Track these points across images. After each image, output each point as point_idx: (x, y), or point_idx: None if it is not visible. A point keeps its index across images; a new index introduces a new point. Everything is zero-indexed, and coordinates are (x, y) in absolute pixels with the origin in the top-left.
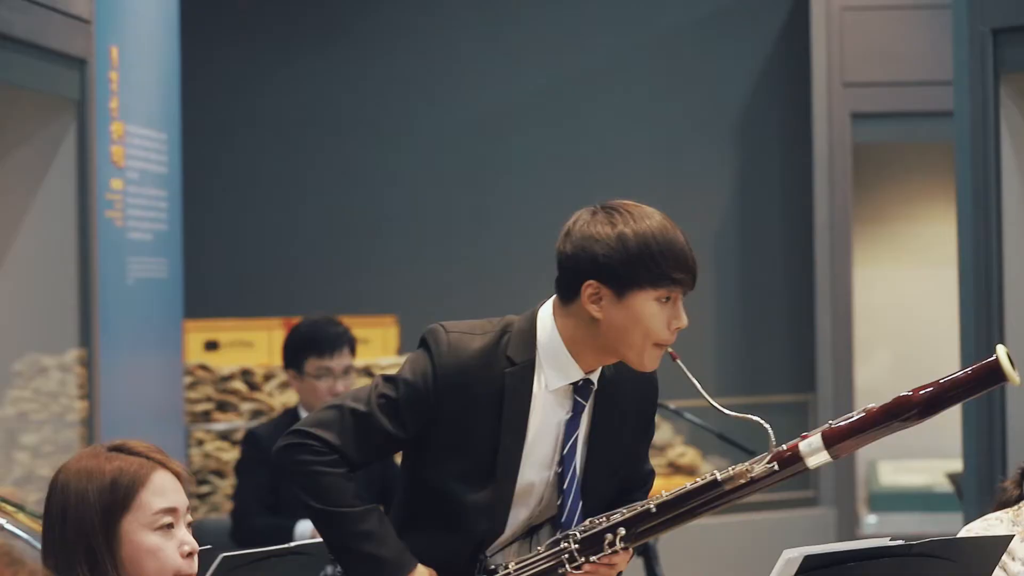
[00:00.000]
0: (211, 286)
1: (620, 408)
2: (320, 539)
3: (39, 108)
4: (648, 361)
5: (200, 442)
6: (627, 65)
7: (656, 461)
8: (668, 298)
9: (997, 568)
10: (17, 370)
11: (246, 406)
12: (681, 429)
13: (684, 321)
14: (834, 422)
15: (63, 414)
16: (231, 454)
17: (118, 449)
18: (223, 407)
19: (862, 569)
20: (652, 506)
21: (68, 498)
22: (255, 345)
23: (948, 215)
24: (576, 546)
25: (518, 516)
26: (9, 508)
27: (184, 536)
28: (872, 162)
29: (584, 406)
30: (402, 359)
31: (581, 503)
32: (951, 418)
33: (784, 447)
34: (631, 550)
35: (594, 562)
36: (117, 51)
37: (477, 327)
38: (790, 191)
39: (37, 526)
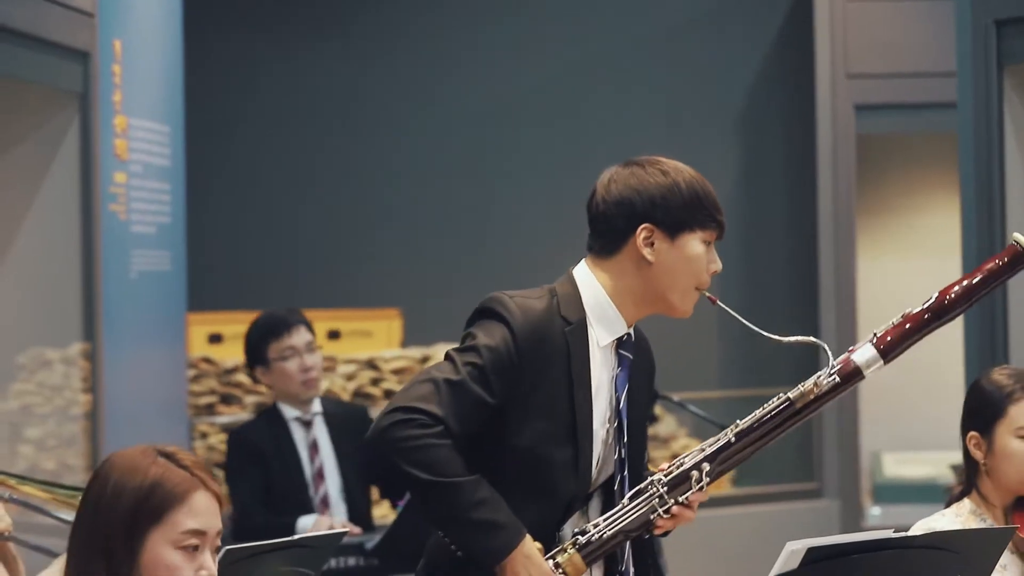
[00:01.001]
0: (214, 279)
1: (640, 368)
2: (329, 532)
3: (42, 102)
4: (690, 303)
5: (204, 435)
6: (630, 57)
7: (660, 453)
8: (709, 242)
9: None
10: (21, 363)
11: (250, 399)
12: (685, 421)
13: (720, 265)
14: (878, 331)
15: (67, 407)
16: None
17: (168, 456)
18: (227, 400)
19: (865, 561)
20: (731, 436)
21: (106, 489)
22: None
23: (951, 206)
24: (664, 489)
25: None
26: (11, 481)
27: (206, 561)
28: (876, 153)
29: (629, 360)
30: (406, 352)
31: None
32: (955, 409)
33: (838, 363)
34: (706, 496)
35: (682, 503)
36: (120, 44)
37: (530, 293)
38: (794, 182)
39: (43, 494)
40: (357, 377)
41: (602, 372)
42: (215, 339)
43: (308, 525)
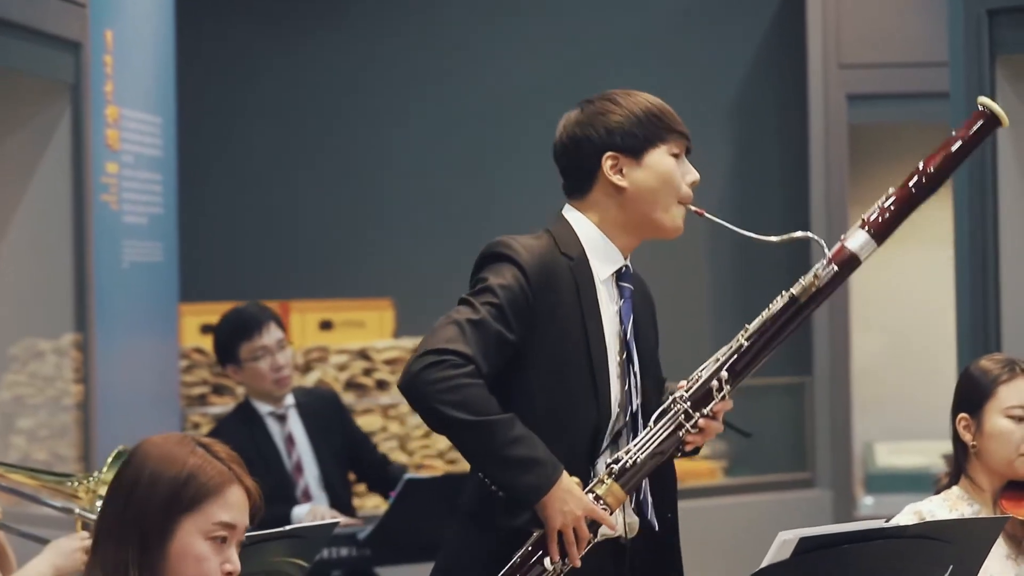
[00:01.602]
0: (207, 269)
1: (640, 306)
2: (321, 522)
3: (34, 92)
4: (677, 219)
5: (196, 426)
6: (624, 49)
7: None
8: (677, 155)
9: None
10: (13, 354)
11: (242, 390)
12: None
13: (696, 175)
14: (866, 215)
15: (59, 398)
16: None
17: (205, 447)
18: (219, 390)
19: (858, 551)
20: (742, 341)
21: (142, 476)
22: None
23: (944, 196)
24: (687, 404)
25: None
26: (0, 469)
27: (231, 555)
28: (868, 143)
29: (630, 291)
30: (399, 342)
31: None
32: (947, 399)
33: (833, 253)
34: (731, 405)
35: (708, 415)
36: (112, 35)
37: (529, 236)
38: (786, 172)
39: (32, 481)
40: (349, 367)
41: (608, 305)
42: (207, 330)
43: (303, 514)
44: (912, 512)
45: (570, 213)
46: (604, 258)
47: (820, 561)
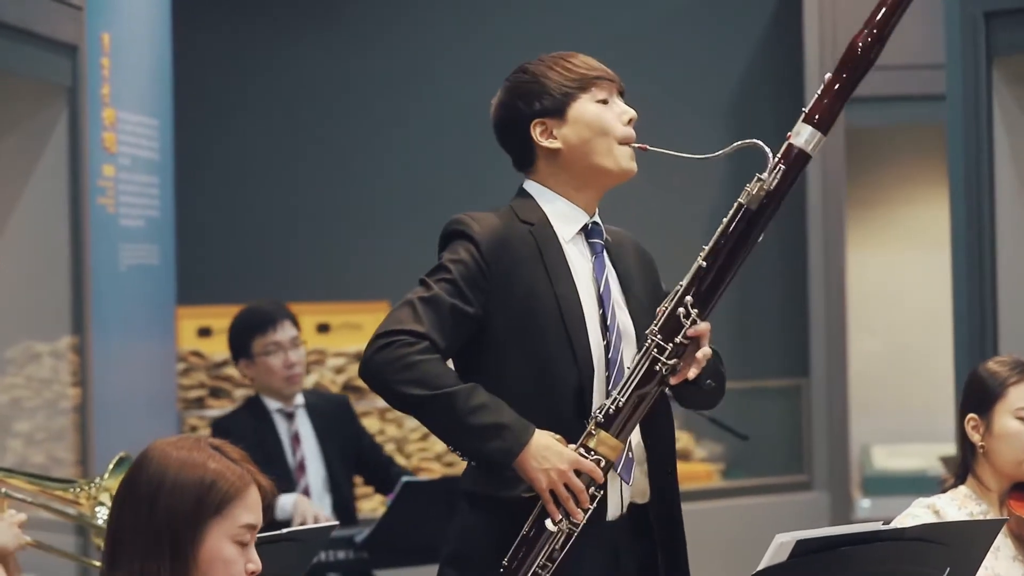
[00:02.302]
0: (204, 272)
1: (631, 264)
2: (318, 525)
3: (31, 95)
4: (623, 160)
5: (193, 429)
6: (620, 50)
7: None
8: (605, 101)
9: None
10: (10, 357)
11: (239, 392)
12: (674, 414)
13: (631, 112)
14: (806, 107)
15: (56, 401)
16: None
17: (217, 448)
18: (216, 394)
19: (855, 553)
20: (700, 262)
21: (163, 483)
22: None
23: (941, 198)
24: (659, 337)
25: (600, 388)
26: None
27: (253, 555)
28: (865, 146)
29: (602, 245)
30: None
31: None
32: (945, 402)
33: (780, 153)
34: (708, 328)
35: (683, 342)
36: (109, 37)
37: (489, 211)
38: None
39: (35, 487)
40: (346, 370)
41: (578, 265)
42: (204, 333)
43: (288, 504)
44: (925, 506)
45: (527, 184)
46: (566, 219)
47: (817, 564)
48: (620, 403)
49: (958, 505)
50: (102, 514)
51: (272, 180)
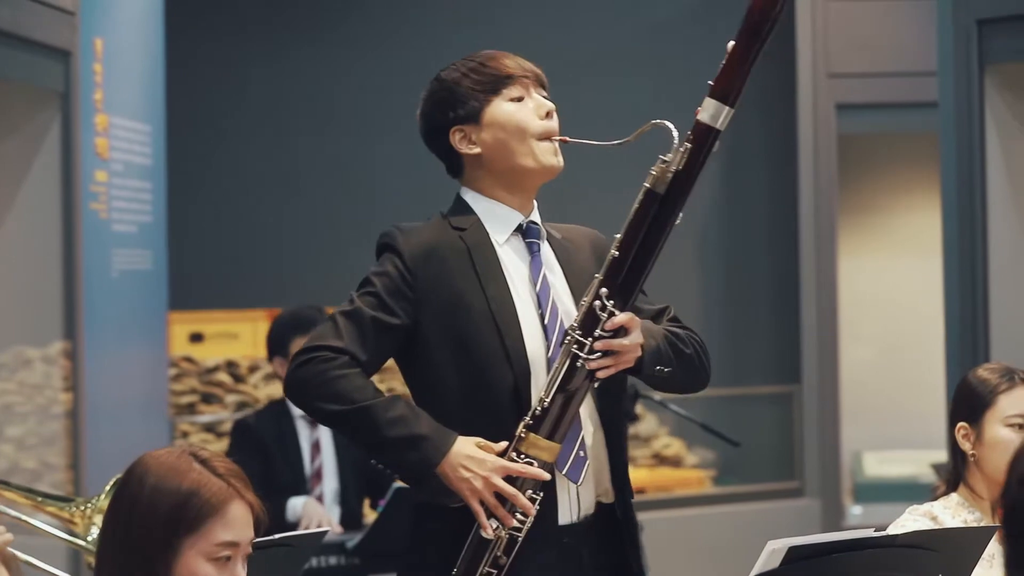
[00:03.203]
0: (196, 278)
1: (584, 260)
2: (309, 531)
3: (23, 100)
4: (544, 157)
5: (185, 434)
6: (613, 56)
7: (641, 452)
8: (520, 98)
9: None
10: (1, 362)
11: (231, 398)
12: (666, 421)
13: (548, 104)
14: (712, 82)
15: (48, 406)
16: (216, 446)
17: (203, 462)
18: (208, 399)
19: (846, 560)
20: (613, 252)
21: (141, 497)
22: (240, 337)
23: (933, 205)
24: (578, 333)
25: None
26: None
27: (237, 571)
28: (857, 153)
29: (539, 245)
30: None
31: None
32: (936, 408)
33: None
34: (635, 320)
35: (604, 336)
36: (101, 43)
37: (421, 221)
38: (775, 182)
39: (29, 502)
40: None
41: (515, 268)
42: (196, 338)
43: (299, 506)
44: (921, 514)
45: (461, 191)
46: (499, 221)
47: (809, 570)
48: (546, 403)
49: (951, 514)
50: (94, 535)
51: (264, 186)
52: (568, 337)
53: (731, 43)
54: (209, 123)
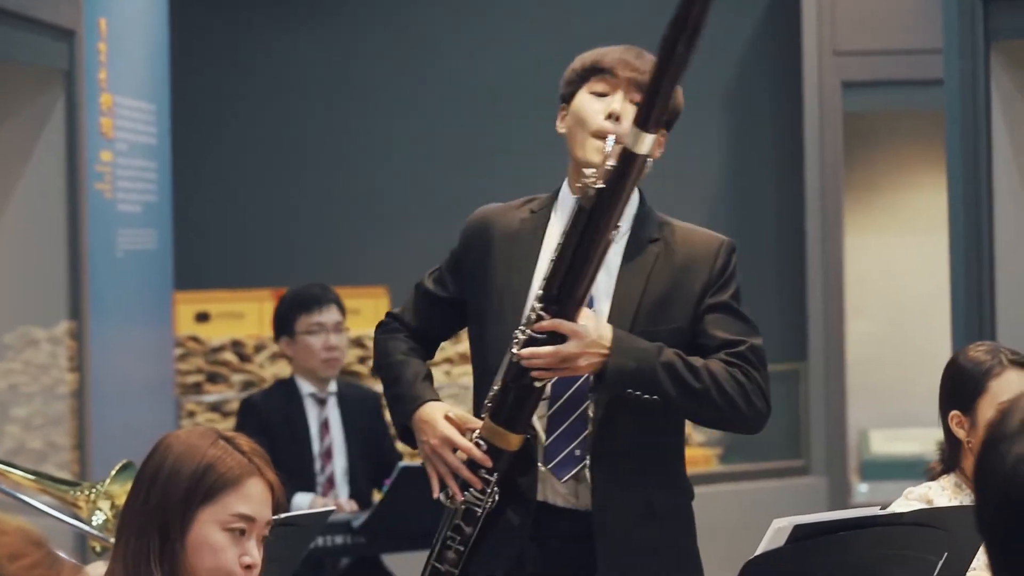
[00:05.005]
0: (201, 257)
1: (658, 262)
2: (315, 510)
3: (28, 80)
4: (590, 152)
5: (191, 414)
6: (620, 37)
7: None
8: (604, 94)
9: None
10: (7, 342)
11: (237, 377)
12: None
13: (615, 106)
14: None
15: (53, 386)
16: (222, 426)
17: (227, 440)
18: (214, 379)
19: (852, 538)
20: (549, 262)
21: (163, 467)
22: (246, 316)
23: (939, 183)
24: (519, 330)
25: None
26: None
27: (251, 549)
28: (863, 130)
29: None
30: None
31: None
32: None
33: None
34: (575, 331)
35: (536, 337)
36: (106, 22)
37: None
38: (781, 160)
39: (36, 485)
40: (347, 342)
41: None
42: (202, 318)
43: (304, 504)
44: (917, 496)
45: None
46: (564, 209)
47: (815, 548)
48: (494, 392)
49: (949, 496)
50: (98, 520)
51: (270, 165)
52: (514, 336)
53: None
54: (214, 102)
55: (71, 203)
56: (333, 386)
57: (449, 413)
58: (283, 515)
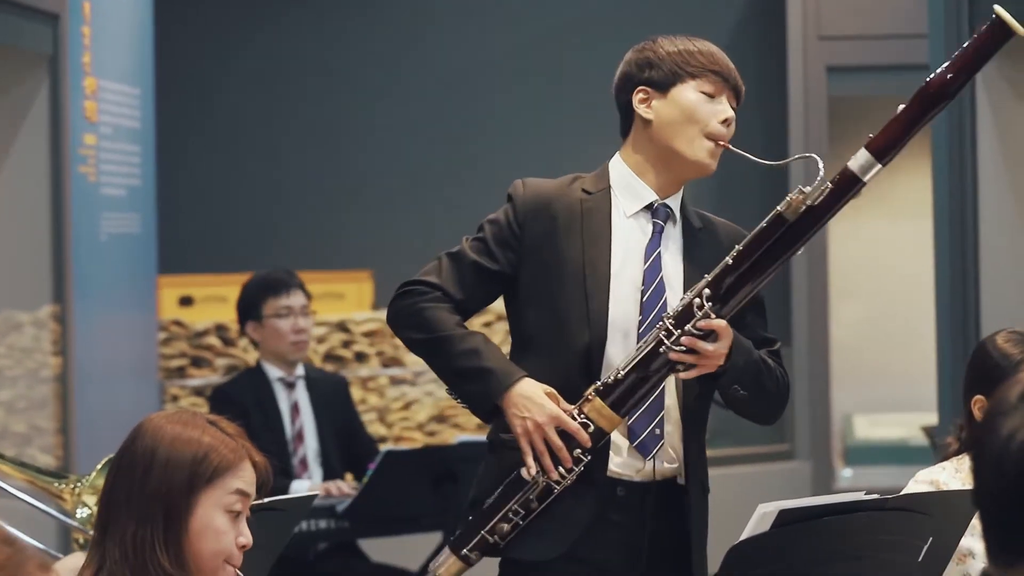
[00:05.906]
0: (185, 241)
1: (715, 254)
2: (299, 495)
3: (11, 64)
4: (701, 152)
5: (175, 398)
6: (604, 18)
7: None
8: (711, 94)
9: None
10: None
11: (221, 361)
12: None
13: (728, 113)
14: (872, 135)
15: (37, 370)
16: (206, 410)
17: (212, 423)
18: (198, 363)
19: (837, 523)
20: (729, 259)
21: (158, 452)
22: (229, 300)
23: (924, 168)
24: (671, 322)
25: (615, 356)
26: None
27: (244, 528)
28: (848, 115)
29: (662, 227)
30: (377, 314)
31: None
32: (927, 371)
33: (836, 174)
34: (728, 331)
35: (692, 333)
36: (89, 6)
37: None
38: (765, 144)
39: (21, 476)
40: (328, 340)
41: (631, 242)
42: (186, 302)
43: (303, 489)
44: (926, 481)
45: (612, 161)
46: (631, 194)
47: (800, 533)
48: (620, 375)
49: (962, 478)
50: (82, 513)
51: (254, 149)
52: (661, 323)
53: (901, 106)
54: (198, 85)
55: (55, 187)
56: (300, 369)
57: (548, 390)
58: (267, 499)
